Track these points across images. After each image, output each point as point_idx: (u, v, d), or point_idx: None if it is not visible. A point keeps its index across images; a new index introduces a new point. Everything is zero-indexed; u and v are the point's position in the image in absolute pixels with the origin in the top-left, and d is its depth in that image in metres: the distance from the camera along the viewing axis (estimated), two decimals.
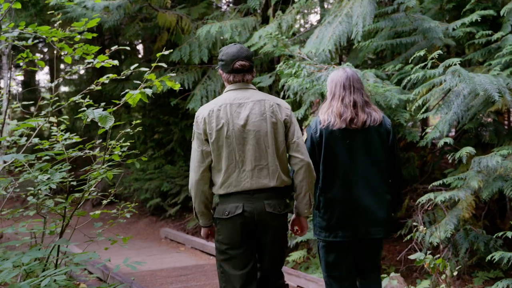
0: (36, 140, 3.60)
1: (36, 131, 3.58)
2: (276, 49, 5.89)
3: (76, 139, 3.70)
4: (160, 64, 3.30)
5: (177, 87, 3.27)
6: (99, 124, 3.18)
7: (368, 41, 5.58)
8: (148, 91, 3.15)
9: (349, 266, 3.17)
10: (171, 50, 4.25)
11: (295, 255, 5.82)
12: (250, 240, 2.90)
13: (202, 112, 2.88)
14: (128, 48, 4.47)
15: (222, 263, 2.92)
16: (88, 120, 3.22)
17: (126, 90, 3.24)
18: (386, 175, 3.13)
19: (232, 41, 6.94)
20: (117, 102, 3.40)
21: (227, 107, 2.85)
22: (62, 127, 3.81)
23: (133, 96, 3.19)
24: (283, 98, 5.56)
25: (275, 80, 6.96)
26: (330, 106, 3.10)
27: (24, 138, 3.80)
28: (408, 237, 4.52)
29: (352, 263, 3.18)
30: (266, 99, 2.91)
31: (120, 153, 3.63)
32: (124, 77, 3.60)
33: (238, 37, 6.81)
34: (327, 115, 3.08)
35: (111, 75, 3.42)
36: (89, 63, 3.48)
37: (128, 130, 3.80)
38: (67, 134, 3.70)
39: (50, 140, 3.70)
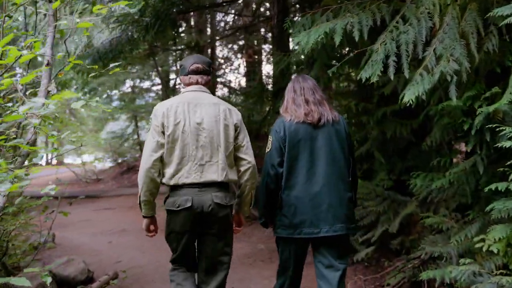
0: None
1: None
2: None
3: None
4: None
5: None
6: None
7: None
8: None
9: (301, 262, 3.36)
10: None
11: None
12: (198, 229, 3.12)
13: (161, 107, 3.12)
14: None
15: (172, 247, 3.22)
16: None
17: None
18: (346, 173, 3.27)
19: None
20: None
21: (185, 105, 3.11)
22: None
23: None
24: None
25: None
26: (287, 108, 3.34)
27: None
28: None
29: (303, 259, 3.37)
30: (219, 103, 3.21)
31: None
32: None
33: None
34: (288, 115, 3.29)
35: None
36: None
37: None
38: None
39: None
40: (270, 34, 11.93)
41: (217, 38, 13.18)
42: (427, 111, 4.50)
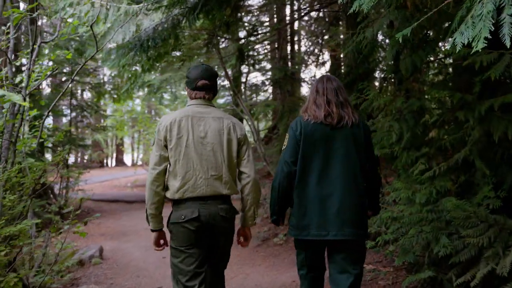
0: None
1: None
2: None
3: None
4: None
5: None
6: None
7: None
8: None
9: (321, 265, 3.32)
10: None
11: None
12: (204, 241, 3.14)
13: (165, 121, 3.16)
14: None
15: (178, 263, 3.13)
16: None
17: None
18: (361, 177, 3.18)
19: None
20: None
21: (188, 118, 3.14)
22: None
23: None
24: None
25: None
26: (307, 108, 3.29)
27: None
28: None
29: (319, 263, 3.31)
30: (224, 117, 3.24)
31: None
32: None
33: None
34: (306, 114, 3.25)
35: None
36: None
37: None
38: None
39: None
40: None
41: (284, 24, 11.87)
42: None
